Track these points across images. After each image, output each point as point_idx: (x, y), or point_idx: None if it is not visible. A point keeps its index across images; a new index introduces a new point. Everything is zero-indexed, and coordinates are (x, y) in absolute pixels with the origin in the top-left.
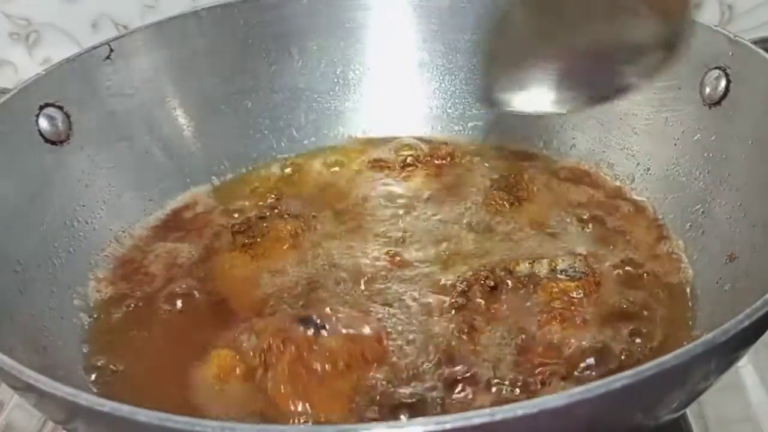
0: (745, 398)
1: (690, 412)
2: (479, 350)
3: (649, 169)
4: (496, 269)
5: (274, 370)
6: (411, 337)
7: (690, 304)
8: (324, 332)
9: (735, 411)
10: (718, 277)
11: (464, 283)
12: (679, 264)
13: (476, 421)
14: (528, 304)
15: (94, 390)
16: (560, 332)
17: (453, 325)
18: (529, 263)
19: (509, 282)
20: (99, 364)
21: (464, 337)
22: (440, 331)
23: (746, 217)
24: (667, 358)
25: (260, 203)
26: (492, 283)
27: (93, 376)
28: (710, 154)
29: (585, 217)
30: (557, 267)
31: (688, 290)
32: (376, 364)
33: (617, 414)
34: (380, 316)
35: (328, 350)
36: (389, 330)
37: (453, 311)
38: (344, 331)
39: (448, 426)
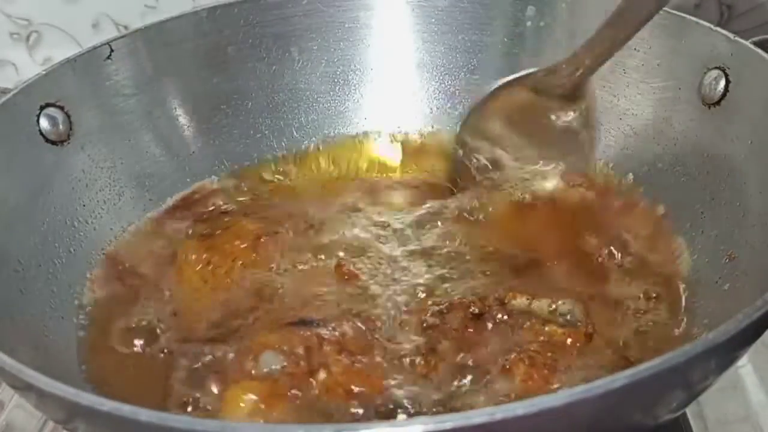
0: (744, 398)
1: (689, 411)
2: (429, 375)
3: (648, 170)
4: (489, 297)
5: (326, 369)
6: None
7: (690, 303)
8: (324, 330)
9: (734, 411)
10: (718, 276)
11: (445, 304)
12: (679, 264)
13: (476, 420)
14: (505, 341)
15: (95, 390)
16: (522, 377)
17: (415, 342)
18: (528, 299)
19: (498, 314)
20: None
21: (419, 359)
22: (400, 345)
23: (746, 217)
24: (666, 358)
25: (235, 198)
26: (476, 311)
27: (94, 376)
28: (709, 154)
29: (587, 219)
30: (556, 309)
31: (687, 290)
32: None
33: (617, 413)
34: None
35: (346, 340)
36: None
37: (421, 329)
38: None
39: (448, 425)
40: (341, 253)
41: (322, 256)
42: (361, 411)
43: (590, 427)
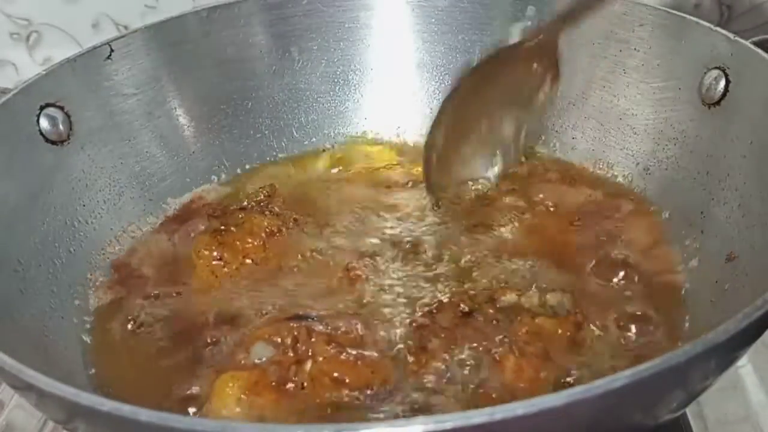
0: (744, 398)
1: (689, 411)
2: (420, 372)
3: (648, 169)
4: (478, 295)
5: (312, 359)
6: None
7: (688, 305)
8: (318, 325)
9: (734, 411)
10: (718, 276)
11: (436, 304)
12: (678, 264)
13: (476, 420)
14: (496, 335)
15: (95, 390)
16: (512, 368)
17: (407, 341)
18: (518, 294)
19: (488, 310)
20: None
21: (410, 357)
22: (392, 342)
23: (745, 217)
24: (666, 358)
25: (251, 196)
26: (466, 309)
27: (94, 376)
28: (709, 154)
29: (585, 223)
30: (545, 302)
31: (686, 291)
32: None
33: (617, 413)
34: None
35: (337, 334)
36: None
37: (412, 328)
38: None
39: (448, 425)
40: (349, 255)
41: (330, 257)
42: (346, 400)
43: (590, 427)
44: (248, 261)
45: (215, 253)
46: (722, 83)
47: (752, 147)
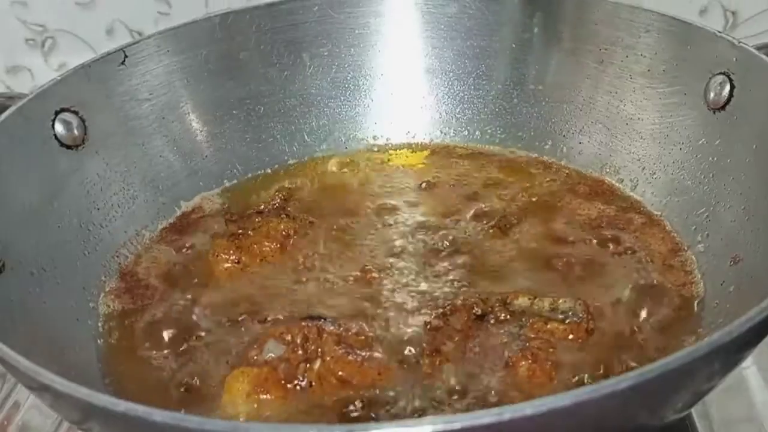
0: (749, 399)
1: (695, 412)
2: (434, 375)
3: (654, 173)
4: (491, 298)
5: (321, 358)
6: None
7: (696, 312)
8: (330, 326)
9: (739, 411)
10: (723, 279)
11: (449, 306)
12: (684, 268)
13: (485, 420)
14: (508, 339)
15: (110, 390)
16: (525, 373)
17: (421, 343)
18: (530, 299)
19: (500, 314)
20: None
21: (425, 360)
22: (407, 344)
23: (750, 221)
24: (671, 359)
25: (267, 200)
26: (479, 312)
27: (108, 376)
28: (715, 159)
29: (593, 231)
30: (557, 307)
31: (696, 303)
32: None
33: (623, 414)
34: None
35: (348, 335)
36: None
37: (426, 330)
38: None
39: (456, 425)
40: (364, 257)
41: (345, 259)
42: (352, 399)
43: (597, 427)
44: (266, 264)
45: (233, 257)
46: (727, 88)
47: (757, 151)
